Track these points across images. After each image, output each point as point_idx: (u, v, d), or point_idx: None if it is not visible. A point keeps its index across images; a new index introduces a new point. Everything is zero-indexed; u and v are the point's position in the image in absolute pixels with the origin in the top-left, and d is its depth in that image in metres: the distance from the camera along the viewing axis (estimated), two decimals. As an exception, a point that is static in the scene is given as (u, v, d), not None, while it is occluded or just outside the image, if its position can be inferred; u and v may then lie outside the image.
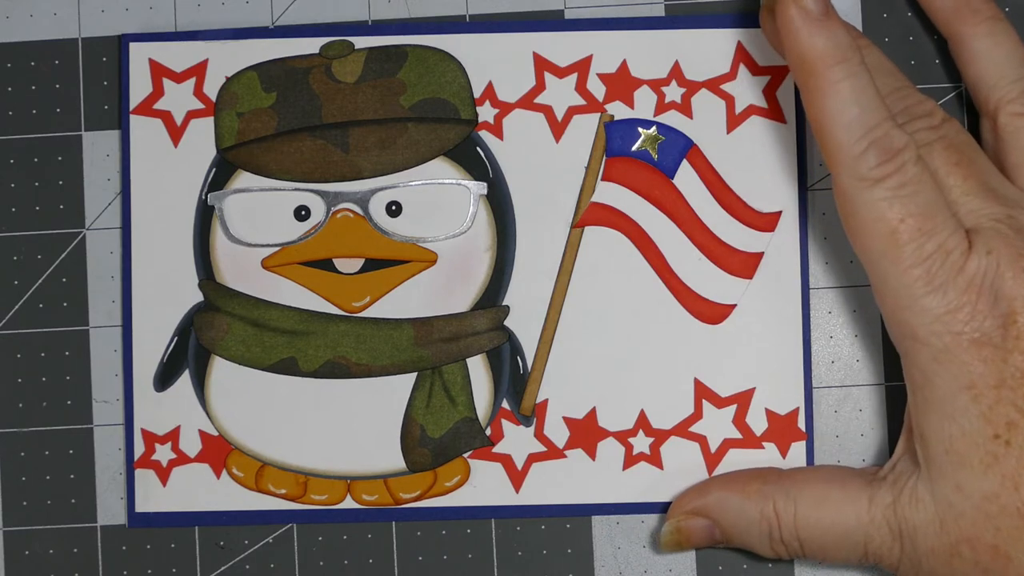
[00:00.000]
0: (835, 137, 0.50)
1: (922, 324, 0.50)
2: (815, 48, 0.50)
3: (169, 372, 0.60)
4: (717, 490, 0.55)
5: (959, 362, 0.50)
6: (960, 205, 0.52)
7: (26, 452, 0.60)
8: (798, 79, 0.51)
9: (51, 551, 0.60)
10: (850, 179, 0.51)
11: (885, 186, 0.50)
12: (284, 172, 0.59)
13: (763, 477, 0.55)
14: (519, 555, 0.59)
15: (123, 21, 0.61)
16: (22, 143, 0.60)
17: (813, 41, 0.50)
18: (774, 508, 0.54)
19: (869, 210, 0.50)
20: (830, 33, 0.50)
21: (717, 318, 0.58)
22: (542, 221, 0.59)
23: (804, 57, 0.51)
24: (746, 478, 0.55)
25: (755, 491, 0.54)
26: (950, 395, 0.51)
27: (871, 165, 0.50)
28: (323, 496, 0.59)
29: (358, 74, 0.59)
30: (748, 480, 0.55)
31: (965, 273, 0.50)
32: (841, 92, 0.50)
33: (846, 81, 0.50)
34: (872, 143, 0.50)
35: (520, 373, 0.59)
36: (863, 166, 0.50)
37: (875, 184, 0.50)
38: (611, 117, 0.59)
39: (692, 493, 0.56)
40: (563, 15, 0.60)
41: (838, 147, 0.51)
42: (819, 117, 0.51)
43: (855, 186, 0.50)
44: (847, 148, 0.50)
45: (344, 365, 0.59)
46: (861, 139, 0.50)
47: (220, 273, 0.60)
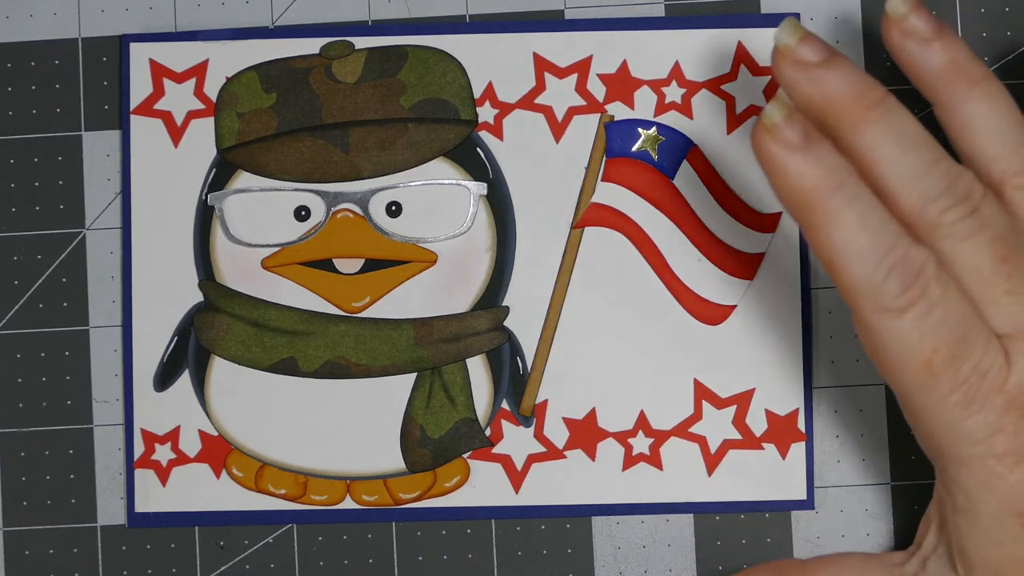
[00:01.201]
0: (849, 270, 0.45)
1: (964, 448, 0.46)
2: (807, 180, 0.45)
3: (169, 372, 0.60)
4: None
5: (1006, 486, 0.47)
6: (1001, 307, 0.47)
7: (26, 452, 0.60)
8: (795, 215, 0.46)
9: (51, 551, 0.60)
10: (874, 313, 0.46)
11: (912, 314, 0.45)
12: (284, 172, 0.59)
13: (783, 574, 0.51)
14: (519, 555, 0.59)
15: (123, 21, 0.61)
16: (22, 143, 0.60)
17: (803, 174, 0.45)
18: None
19: (899, 344, 0.46)
20: (818, 159, 0.45)
21: (717, 319, 0.58)
22: (542, 221, 0.59)
23: (796, 192, 0.45)
24: None
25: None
26: (998, 521, 0.47)
27: (895, 294, 0.45)
28: (323, 496, 0.59)
29: (358, 74, 0.59)
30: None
31: (1005, 392, 0.46)
32: (846, 221, 0.45)
33: (849, 208, 0.45)
34: (891, 269, 0.45)
35: (520, 373, 0.59)
36: (886, 296, 0.45)
37: (901, 314, 0.45)
38: (611, 117, 0.59)
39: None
40: (563, 15, 0.60)
41: (855, 280, 0.45)
42: (827, 252, 0.46)
43: (880, 319, 0.46)
44: (865, 280, 0.45)
45: (344, 365, 0.59)
46: (879, 266, 0.45)
47: (220, 273, 0.60)
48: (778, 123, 0.45)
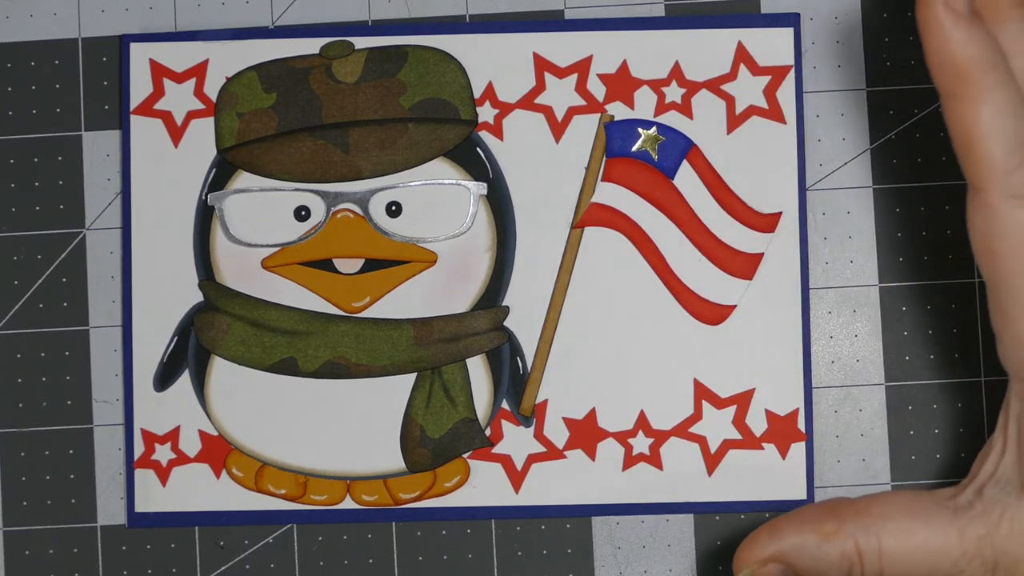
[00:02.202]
0: (988, 149, 0.46)
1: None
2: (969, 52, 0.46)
3: (169, 372, 0.60)
4: (791, 533, 0.50)
5: None
6: None
7: (26, 452, 0.60)
8: (945, 84, 0.46)
9: (51, 551, 0.60)
10: (1001, 196, 0.46)
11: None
12: (284, 172, 0.59)
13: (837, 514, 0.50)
14: (519, 555, 0.59)
15: (123, 21, 0.61)
16: (22, 143, 0.60)
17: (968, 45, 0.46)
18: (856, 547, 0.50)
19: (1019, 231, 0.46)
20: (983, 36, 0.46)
21: (717, 319, 0.58)
22: (542, 221, 0.59)
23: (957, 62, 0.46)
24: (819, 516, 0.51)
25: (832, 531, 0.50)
26: None
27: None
28: (323, 496, 0.59)
29: (358, 74, 0.59)
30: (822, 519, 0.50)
31: None
32: (998, 100, 0.46)
33: (1001, 90, 0.46)
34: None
35: (520, 373, 0.59)
36: (1017, 183, 0.46)
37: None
38: (611, 117, 0.59)
39: (763, 537, 0.51)
40: (563, 15, 0.60)
41: (991, 160, 0.46)
42: (971, 128, 0.46)
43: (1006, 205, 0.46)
44: (1001, 162, 0.46)
45: (344, 365, 0.59)
46: (1015, 152, 0.46)
47: (220, 273, 0.60)
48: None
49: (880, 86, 0.59)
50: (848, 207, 0.59)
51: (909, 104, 0.59)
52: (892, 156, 0.59)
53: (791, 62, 0.59)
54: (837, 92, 0.59)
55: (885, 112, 0.59)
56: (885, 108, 0.59)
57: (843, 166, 0.59)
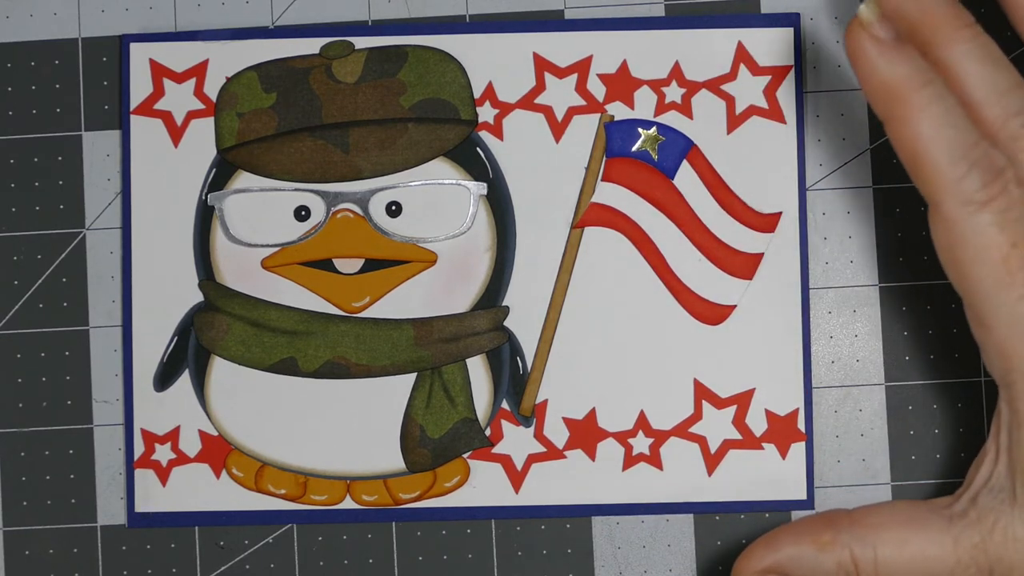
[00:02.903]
0: (933, 161, 0.47)
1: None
2: (898, 74, 0.47)
3: (169, 372, 0.60)
4: (789, 545, 0.51)
5: None
6: None
7: (26, 452, 0.60)
8: (882, 109, 0.48)
9: (51, 551, 0.60)
10: (955, 204, 0.47)
11: (992, 209, 0.47)
12: (284, 172, 0.59)
13: (833, 524, 0.51)
14: (519, 555, 0.59)
15: (123, 21, 0.61)
16: (22, 143, 0.60)
17: (894, 68, 0.47)
18: (851, 557, 0.50)
19: (978, 237, 0.47)
20: (909, 57, 0.47)
21: (717, 319, 0.58)
22: (542, 221, 0.59)
23: (888, 85, 0.47)
24: (816, 527, 0.51)
25: (829, 541, 0.50)
26: None
27: (976, 187, 0.47)
28: (323, 496, 0.59)
29: (358, 74, 0.59)
30: (818, 529, 0.51)
31: None
32: (934, 114, 0.47)
33: (936, 103, 0.47)
34: (973, 164, 0.47)
35: (520, 373, 0.59)
36: (968, 188, 0.47)
37: (982, 208, 0.47)
38: (611, 117, 0.59)
39: (761, 550, 0.51)
40: (563, 15, 0.60)
41: (938, 172, 0.47)
42: (912, 143, 0.47)
43: (961, 212, 0.47)
44: (948, 171, 0.47)
45: (344, 365, 0.59)
46: (961, 160, 0.47)
47: (220, 273, 0.60)
48: (872, 20, 0.48)
49: (880, 86, 0.59)
50: (848, 207, 0.59)
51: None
52: (892, 156, 0.59)
53: (791, 62, 0.59)
54: (837, 92, 0.59)
55: (885, 112, 0.59)
56: (885, 108, 0.59)
57: (843, 166, 0.59)
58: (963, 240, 0.47)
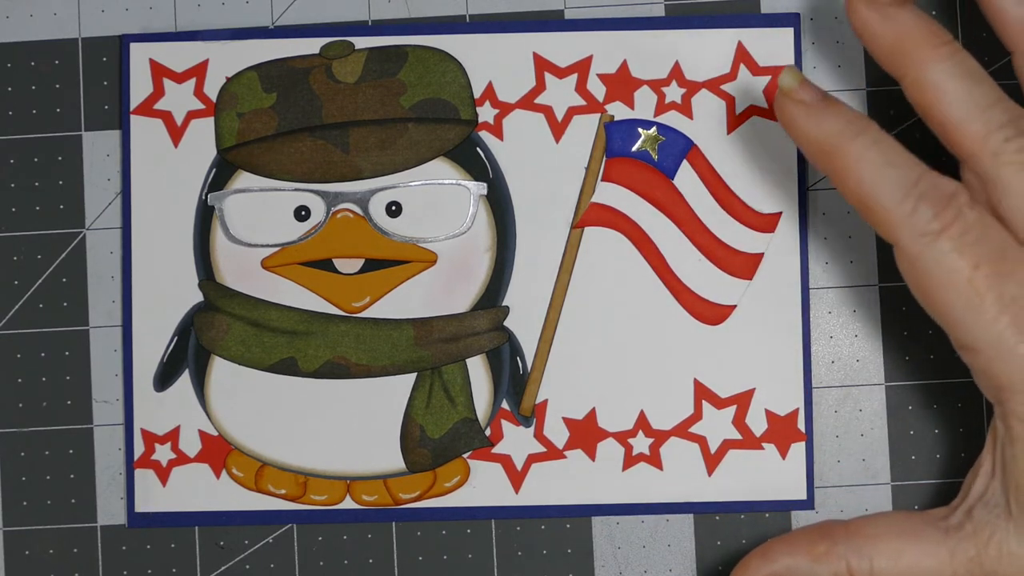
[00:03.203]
0: (881, 203, 0.48)
1: (1020, 373, 0.47)
2: (828, 131, 0.49)
3: (169, 372, 0.60)
4: (783, 556, 0.51)
5: None
6: None
7: (26, 452, 0.60)
8: (822, 166, 0.49)
9: (51, 551, 0.60)
10: (911, 239, 0.48)
11: (949, 236, 0.48)
12: (284, 172, 0.59)
13: (829, 535, 0.51)
14: (519, 555, 0.59)
15: (123, 21, 0.61)
16: (22, 143, 0.60)
17: (823, 126, 0.49)
18: (848, 569, 0.50)
19: (940, 266, 0.48)
20: (837, 113, 0.49)
21: (717, 319, 0.58)
22: (542, 221, 0.59)
23: (821, 143, 0.49)
24: (811, 539, 0.51)
25: (824, 553, 0.51)
26: None
27: (928, 218, 0.48)
28: (323, 496, 0.59)
29: (358, 74, 0.59)
30: (814, 540, 0.51)
31: None
32: (872, 159, 0.48)
33: (872, 148, 0.48)
34: (921, 196, 0.48)
35: (520, 373, 0.59)
36: (920, 221, 0.48)
37: (939, 236, 0.48)
38: (611, 117, 0.59)
39: (756, 561, 0.51)
40: (563, 15, 0.60)
41: (888, 212, 0.48)
42: (857, 191, 0.49)
43: (918, 244, 0.48)
44: (897, 209, 0.48)
45: (344, 365, 0.59)
46: (908, 196, 0.48)
47: (220, 273, 0.60)
48: (794, 87, 0.49)
49: (880, 86, 0.59)
50: (848, 207, 0.59)
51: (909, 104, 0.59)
52: (892, 156, 0.59)
53: (791, 62, 0.59)
54: (837, 92, 0.59)
55: (885, 112, 0.59)
56: (885, 108, 0.59)
57: (843, 166, 0.59)
58: (927, 272, 0.48)
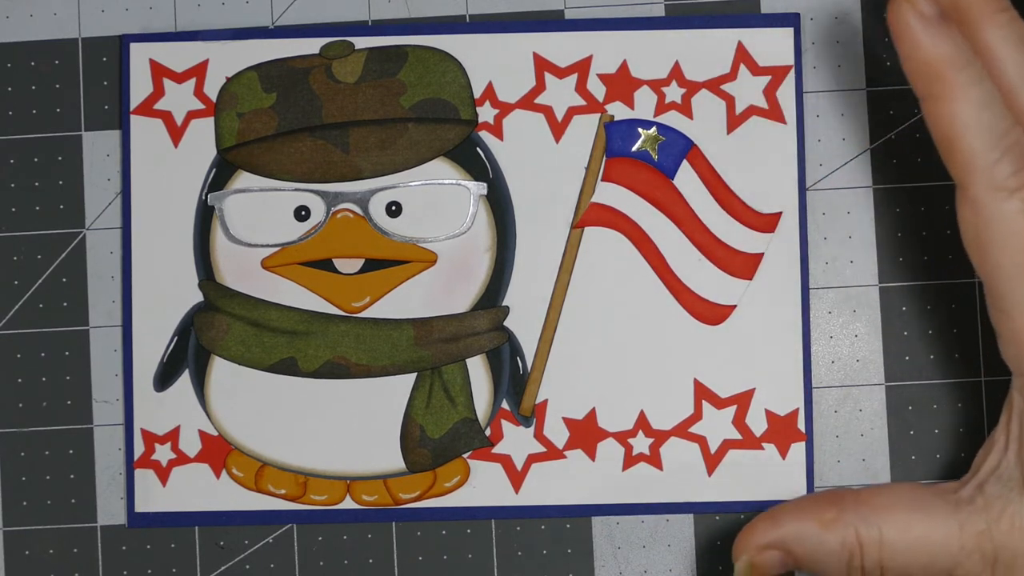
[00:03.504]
0: (968, 144, 0.47)
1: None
2: (940, 52, 0.47)
3: (169, 372, 0.60)
4: (792, 521, 0.50)
5: None
6: None
7: (26, 452, 0.60)
8: (921, 86, 0.48)
9: (51, 551, 0.60)
10: (985, 189, 0.47)
11: (1022, 196, 0.47)
12: (284, 172, 0.59)
13: (838, 503, 0.50)
14: (519, 555, 0.59)
15: (123, 21, 0.61)
16: (22, 143, 0.60)
17: (937, 48, 0.47)
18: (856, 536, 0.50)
19: (1005, 223, 0.47)
20: (952, 37, 0.48)
21: (717, 319, 0.58)
22: (542, 221, 0.59)
23: (930, 62, 0.47)
24: (820, 505, 0.51)
25: (833, 519, 0.50)
26: None
27: (1007, 173, 0.47)
28: (323, 496, 0.59)
29: (358, 74, 0.59)
30: (822, 507, 0.50)
31: None
32: (972, 96, 0.47)
33: (976, 86, 0.47)
34: (1007, 150, 0.47)
35: (520, 373, 0.59)
36: (1000, 174, 0.47)
37: (1012, 194, 0.47)
38: (611, 117, 0.59)
39: (764, 524, 0.51)
40: (563, 15, 0.60)
41: (972, 155, 0.47)
42: (948, 124, 0.48)
43: (990, 197, 0.47)
44: (982, 156, 0.47)
45: (344, 365, 0.59)
46: (996, 146, 0.47)
47: (220, 273, 0.60)
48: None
49: (880, 86, 0.59)
50: (848, 207, 0.59)
51: (909, 104, 0.59)
52: (892, 156, 0.59)
53: (791, 62, 0.59)
54: (837, 92, 0.59)
55: (885, 112, 0.59)
56: (885, 108, 0.59)
57: (843, 166, 0.59)
58: (989, 225, 0.47)
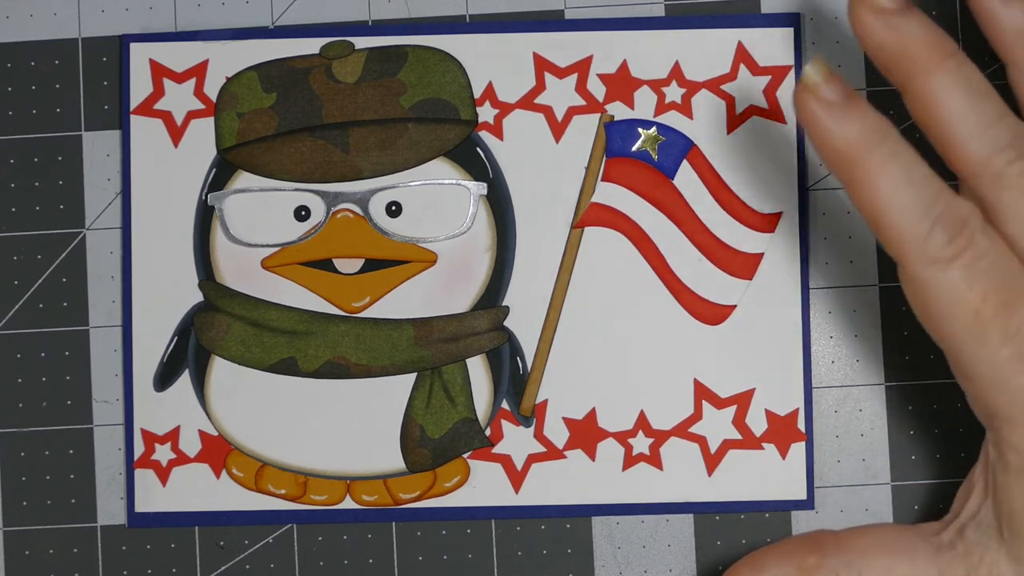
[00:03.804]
0: (895, 223, 0.46)
1: (1018, 407, 0.46)
2: (850, 137, 0.46)
3: (169, 372, 0.60)
4: (773, 566, 0.50)
5: None
6: None
7: (26, 452, 0.60)
8: (839, 172, 0.47)
9: (51, 551, 0.60)
10: (922, 264, 0.46)
11: (960, 264, 0.46)
12: (284, 172, 0.59)
13: (820, 548, 0.50)
14: (519, 555, 0.59)
15: (123, 21, 0.61)
16: (22, 143, 0.61)
17: (846, 131, 0.46)
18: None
19: (947, 294, 0.46)
20: (861, 117, 0.46)
21: (717, 319, 0.58)
22: (542, 221, 0.59)
23: (841, 148, 0.46)
24: (802, 550, 0.50)
25: (814, 565, 0.50)
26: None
27: (941, 243, 0.46)
28: (323, 496, 0.59)
29: (358, 74, 0.59)
30: (804, 552, 0.50)
31: None
32: (892, 173, 0.46)
33: (893, 161, 0.46)
34: (937, 220, 0.46)
35: (520, 373, 0.59)
36: (933, 247, 0.46)
37: (949, 264, 0.46)
38: (611, 117, 0.59)
39: (745, 570, 0.51)
40: (563, 15, 0.60)
41: (900, 233, 0.46)
42: (871, 206, 0.46)
43: (929, 271, 0.46)
44: (911, 231, 0.46)
45: (344, 365, 0.59)
46: (924, 218, 0.46)
47: (220, 273, 0.60)
48: (818, 82, 0.46)
49: (880, 86, 0.59)
50: (848, 207, 0.59)
51: (909, 104, 0.59)
52: (892, 156, 0.59)
53: (791, 62, 0.59)
54: (837, 92, 0.59)
55: (885, 112, 0.59)
56: (885, 108, 0.59)
57: (843, 166, 0.59)
58: (934, 298, 0.46)
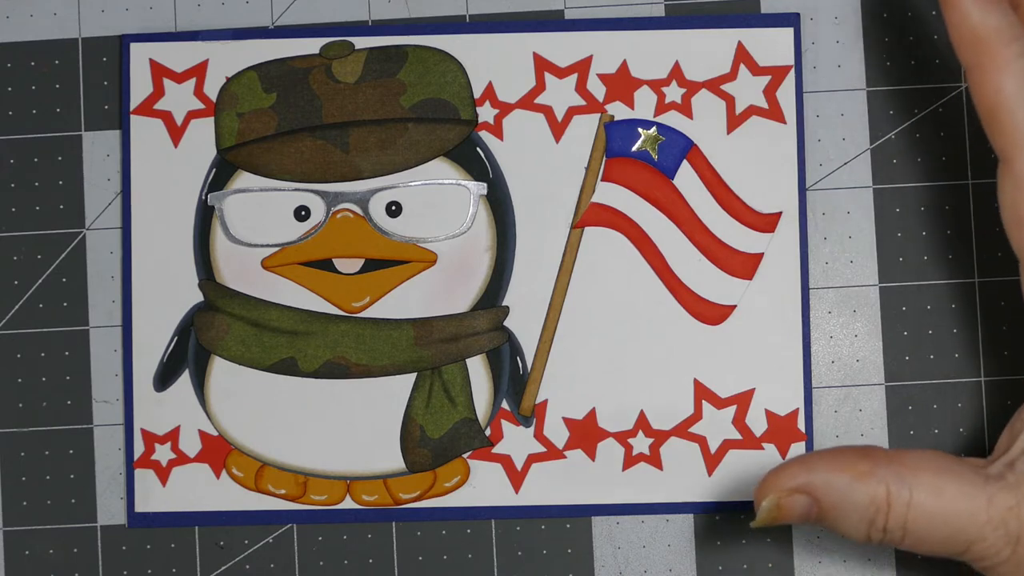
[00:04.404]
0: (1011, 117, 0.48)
1: None
2: (989, 26, 0.48)
3: (169, 372, 0.60)
4: (824, 468, 0.49)
5: None
6: None
7: (26, 452, 0.60)
8: (968, 57, 0.48)
9: (51, 551, 0.60)
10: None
11: None
12: (284, 172, 0.59)
13: (871, 457, 0.49)
14: (519, 555, 0.59)
15: (123, 21, 0.61)
16: (22, 143, 0.61)
17: (986, 19, 0.48)
18: (887, 494, 0.48)
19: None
20: (1002, 11, 0.48)
21: (717, 319, 0.58)
22: (542, 221, 0.59)
23: (978, 34, 0.48)
24: (854, 457, 0.49)
25: (866, 472, 0.48)
26: None
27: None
28: (323, 496, 0.59)
29: (358, 74, 0.59)
30: (856, 459, 0.49)
31: None
32: (1018, 70, 0.48)
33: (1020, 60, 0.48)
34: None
35: (520, 373, 0.59)
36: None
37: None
38: (611, 117, 0.59)
39: (795, 468, 0.49)
40: (563, 15, 0.60)
41: (1015, 128, 0.48)
42: (993, 96, 0.48)
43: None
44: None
45: (344, 365, 0.59)
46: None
47: (220, 273, 0.60)
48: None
49: (880, 86, 0.59)
50: (848, 207, 0.59)
51: (909, 104, 0.59)
52: (892, 156, 0.59)
53: (791, 62, 0.59)
54: (837, 92, 0.59)
55: (885, 112, 0.59)
56: (885, 108, 0.59)
57: (843, 166, 0.59)
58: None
